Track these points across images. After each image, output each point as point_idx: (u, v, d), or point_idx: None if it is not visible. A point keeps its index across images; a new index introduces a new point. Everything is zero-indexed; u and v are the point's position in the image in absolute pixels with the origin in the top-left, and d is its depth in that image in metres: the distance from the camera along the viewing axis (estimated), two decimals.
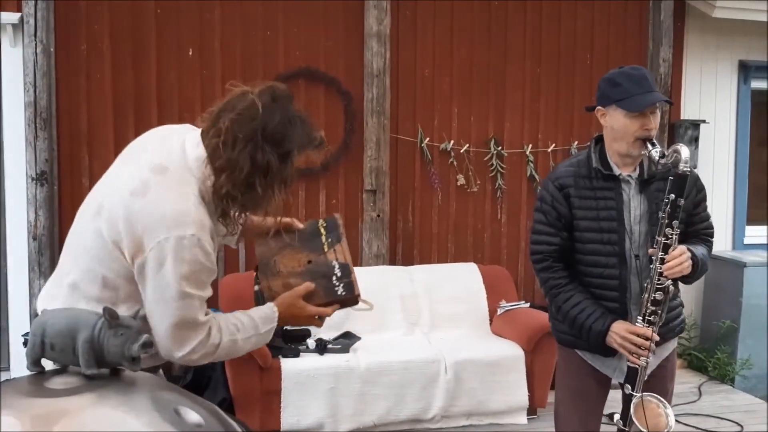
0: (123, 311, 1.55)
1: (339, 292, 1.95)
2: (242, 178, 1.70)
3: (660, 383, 2.50)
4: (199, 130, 1.80)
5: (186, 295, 1.69)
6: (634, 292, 2.46)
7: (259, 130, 1.69)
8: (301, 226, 2.06)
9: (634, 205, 2.47)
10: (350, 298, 1.96)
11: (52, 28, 4.42)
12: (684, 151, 2.29)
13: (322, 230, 2.03)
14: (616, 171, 2.47)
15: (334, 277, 1.95)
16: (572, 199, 2.47)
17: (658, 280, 2.33)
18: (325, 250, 1.99)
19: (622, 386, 2.51)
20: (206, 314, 1.76)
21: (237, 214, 1.84)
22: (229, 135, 1.69)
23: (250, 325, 1.85)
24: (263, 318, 1.87)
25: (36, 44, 4.34)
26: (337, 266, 1.96)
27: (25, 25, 4.33)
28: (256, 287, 1.99)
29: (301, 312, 1.91)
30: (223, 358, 1.84)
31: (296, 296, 1.91)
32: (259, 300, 1.97)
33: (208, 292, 1.77)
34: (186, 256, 1.67)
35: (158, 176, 1.72)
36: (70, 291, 1.77)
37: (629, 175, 2.47)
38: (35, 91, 4.36)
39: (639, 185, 2.48)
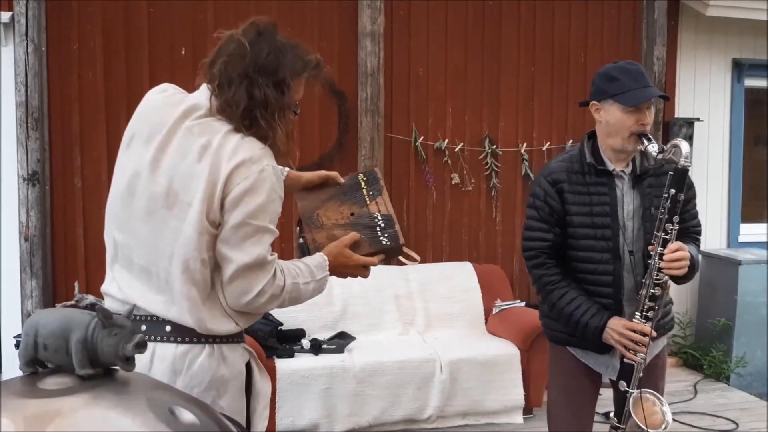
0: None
1: (384, 242, 1.98)
2: (240, 113, 1.73)
3: (651, 380, 2.48)
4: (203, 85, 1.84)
5: (261, 229, 1.71)
6: (627, 288, 2.45)
7: (250, 66, 1.75)
8: (342, 180, 2.09)
9: (627, 201, 2.45)
10: (395, 248, 2.00)
11: (43, 28, 4.39)
12: (684, 145, 2.28)
13: (363, 183, 2.07)
14: (610, 166, 2.46)
15: (377, 228, 1.99)
16: (565, 195, 2.45)
17: (657, 275, 2.31)
18: (368, 202, 2.03)
19: (613, 384, 2.50)
20: (272, 254, 1.78)
21: None
22: (223, 77, 1.76)
23: (307, 271, 1.85)
24: (316, 266, 1.88)
25: (27, 43, 4.31)
26: (380, 217, 2.01)
27: (17, 24, 4.30)
28: (301, 240, 2.02)
29: (348, 261, 1.93)
30: (287, 303, 1.83)
31: (343, 246, 1.93)
32: (304, 252, 1.99)
33: (276, 232, 1.78)
34: (265, 186, 1.70)
35: (208, 135, 1.72)
36: (188, 289, 1.72)
37: (622, 171, 2.46)
38: (27, 91, 4.32)
39: (632, 181, 2.47)
